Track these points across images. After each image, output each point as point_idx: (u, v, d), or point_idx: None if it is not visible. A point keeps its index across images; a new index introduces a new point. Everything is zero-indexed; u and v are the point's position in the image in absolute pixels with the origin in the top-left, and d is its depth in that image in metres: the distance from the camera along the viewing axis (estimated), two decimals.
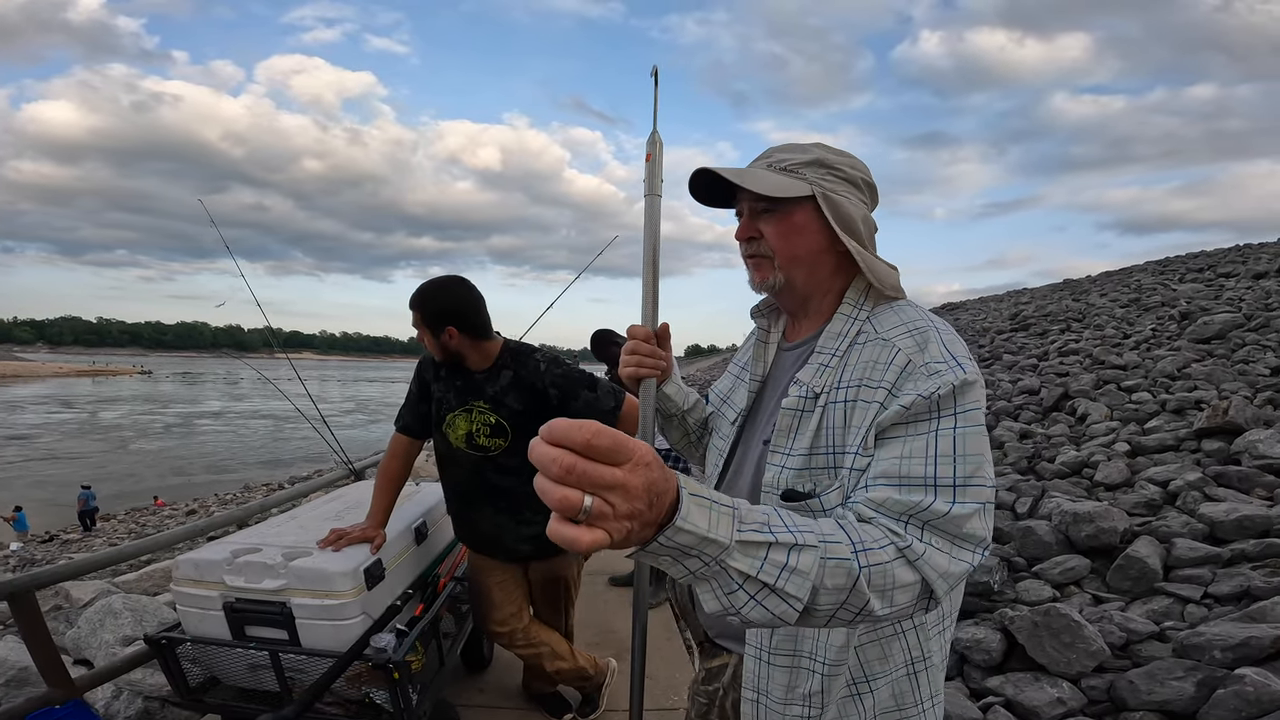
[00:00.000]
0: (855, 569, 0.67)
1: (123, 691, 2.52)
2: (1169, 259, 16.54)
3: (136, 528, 12.44)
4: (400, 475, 2.17)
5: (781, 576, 0.63)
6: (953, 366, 0.83)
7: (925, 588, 0.72)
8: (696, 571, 0.62)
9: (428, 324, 2.00)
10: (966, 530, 0.76)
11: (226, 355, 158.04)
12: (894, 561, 0.71)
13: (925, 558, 0.72)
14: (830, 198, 0.95)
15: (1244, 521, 3.23)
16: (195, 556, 1.86)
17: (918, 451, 0.79)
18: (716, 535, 0.60)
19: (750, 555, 0.62)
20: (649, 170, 1.13)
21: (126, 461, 22.39)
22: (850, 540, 0.69)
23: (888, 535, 0.73)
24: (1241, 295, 9.04)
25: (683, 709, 2.50)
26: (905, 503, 0.76)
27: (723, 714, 1.13)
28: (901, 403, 0.82)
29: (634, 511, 0.55)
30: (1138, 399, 6.04)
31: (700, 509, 0.60)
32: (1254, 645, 2.21)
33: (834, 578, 0.66)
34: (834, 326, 0.97)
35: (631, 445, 0.55)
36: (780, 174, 0.96)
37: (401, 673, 1.75)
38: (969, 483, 0.77)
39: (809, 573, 0.64)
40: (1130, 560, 3.10)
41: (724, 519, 0.61)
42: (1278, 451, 3.94)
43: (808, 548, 0.65)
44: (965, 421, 0.80)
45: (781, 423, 0.95)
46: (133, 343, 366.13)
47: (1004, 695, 2.37)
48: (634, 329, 1.16)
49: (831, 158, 0.97)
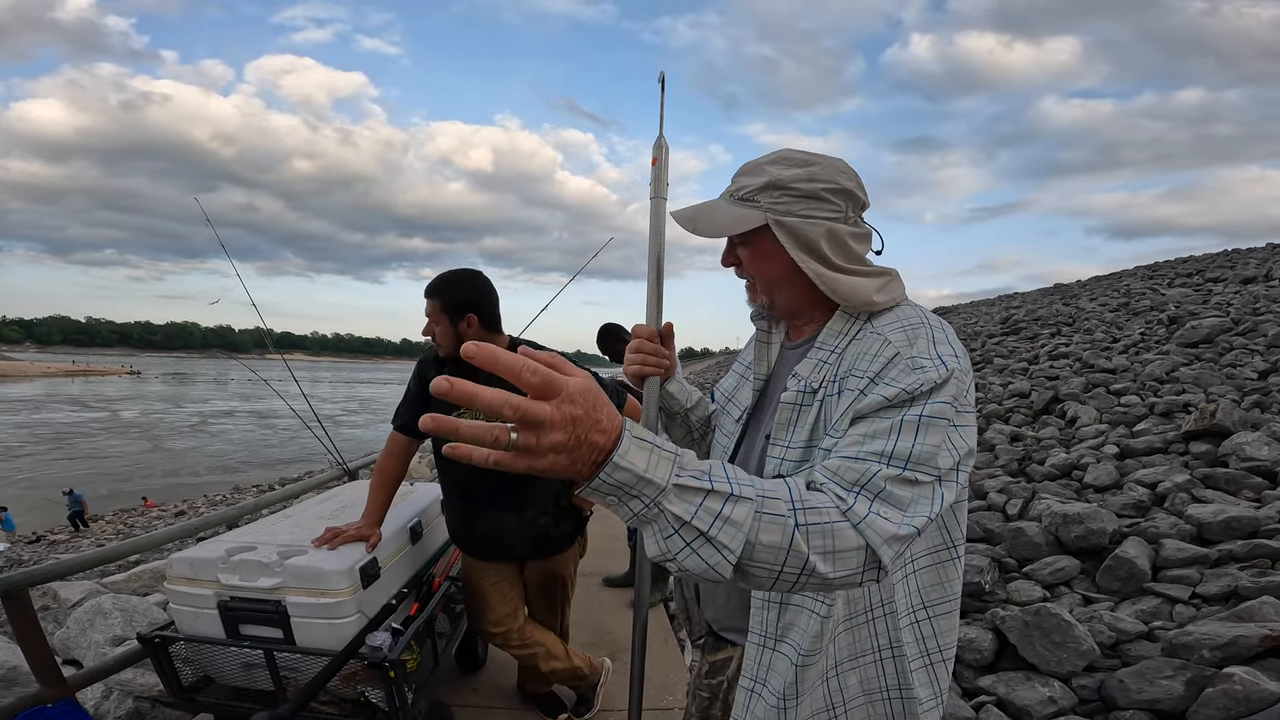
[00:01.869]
0: (790, 525, 0.68)
1: (113, 691, 2.49)
2: (1158, 264, 16.69)
3: (125, 529, 12.33)
4: (397, 475, 2.17)
5: (715, 525, 0.64)
6: (936, 364, 0.84)
7: (870, 553, 0.71)
8: (639, 513, 0.64)
9: (447, 312, 2.00)
10: (912, 498, 0.76)
11: (217, 356, 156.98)
12: (835, 523, 0.70)
13: (867, 521, 0.72)
14: (784, 223, 0.95)
15: (1231, 523, 3.27)
16: (189, 555, 1.85)
17: (880, 432, 0.80)
18: (653, 476, 0.62)
19: (685, 500, 0.64)
20: (655, 174, 1.14)
21: (113, 463, 22.21)
22: (790, 499, 0.70)
23: (832, 498, 0.73)
24: (1229, 300, 9.14)
25: (677, 709, 2.52)
26: (856, 469, 0.77)
27: (726, 707, 1.14)
28: (883, 393, 0.83)
29: (557, 444, 0.58)
30: (1127, 402, 6.09)
31: (640, 450, 0.63)
32: (1242, 644, 2.23)
33: (769, 533, 0.67)
34: (835, 325, 1.00)
35: (559, 382, 0.59)
36: (738, 204, 0.99)
37: (397, 672, 1.75)
38: (922, 463, 0.78)
39: (742, 524, 0.65)
40: (1119, 561, 3.13)
41: (664, 462, 0.64)
42: (1265, 454, 3.99)
43: (743, 500, 0.66)
44: (931, 410, 0.81)
45: (780, 416, 0.98)
46: (122, 342, 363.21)
47: (996, 694, 2.39)
48: (639, 328, 1.18)
49: (786, 175, 0.96)
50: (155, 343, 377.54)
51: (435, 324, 2.02)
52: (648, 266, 1.16)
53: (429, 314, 2.02)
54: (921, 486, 0.77)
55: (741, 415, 1.14)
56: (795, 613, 0.97)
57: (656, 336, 1.18)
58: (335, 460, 3.72)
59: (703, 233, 0.98)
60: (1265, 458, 3.95)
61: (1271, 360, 6.23)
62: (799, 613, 0.96)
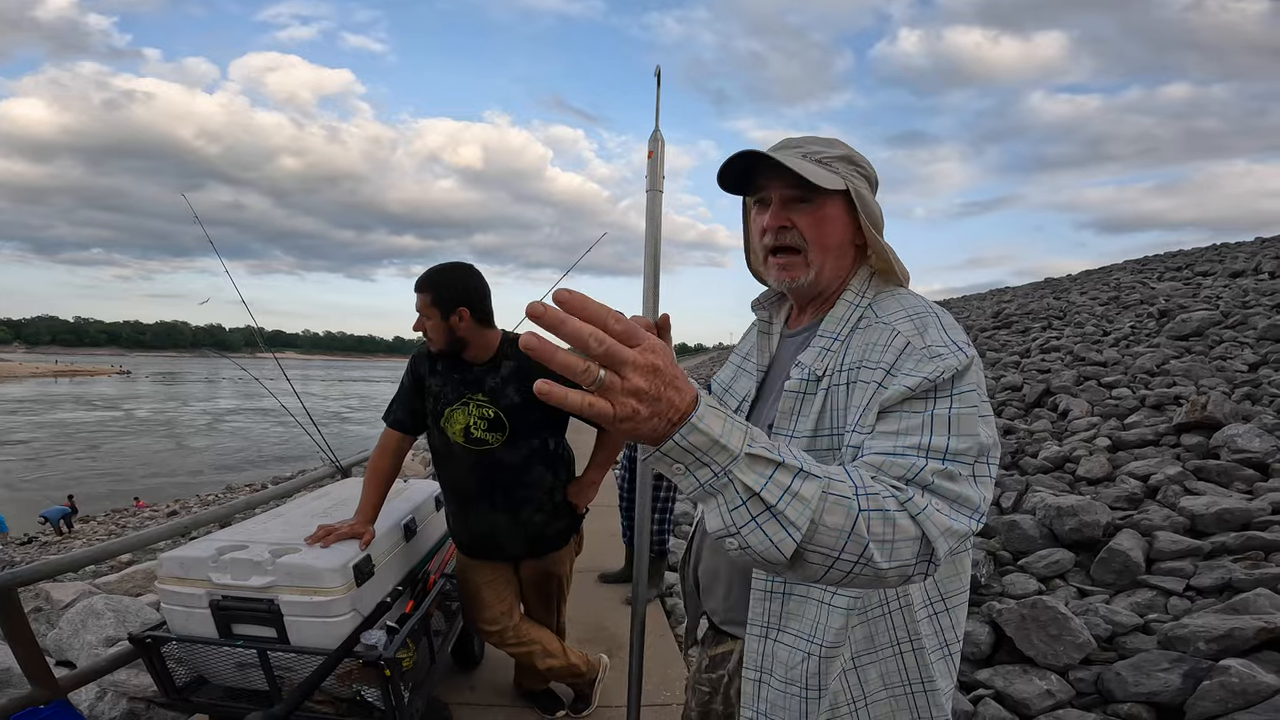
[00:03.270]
0: (855, 509, 0.67)
1: (107, 692, 2.47)
2: (1147, 258, 16.80)
3: (117, 529, 12.25)
4: (390, 471, 2.15)
5: (784, 499, 0.64)
6: (954, 351, 0.85)
7: (926, 545, 0.72)
8: (705, 483, 0.63)
9: (438, 306, 1.97)
10: (960, 493, 0.77)
11: (208, 355, 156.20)
12: (896, 511, 0.70)
13: (926, 513, 0.72)
14: (861, 195, 0.98)
15: (1224, 514, 3.29)
16: (180, 554, 1.83)
17: (913, 428, 0.80)
18: (727, 442, 0.62)
19: (756, 470, 0.63)
20: (650, 167, 1.14)
21: (104, 463, 22.09)
22: (854, 483, 0.69)
23: (889, 489, 0.73)
24: (1219, 293, 9.20)
25: (676, 705, 2.51)
26: (900, 464, 0.77)
27: (727, 701, 1.13)
28: (905, 383, 0.83)
29: (638, 389, 0.58)
30: (1118, 395, 6.13)
31: (716, 416, 0.62)
32: (1237, 636, 2.25)
33: (834, 515, 0.66)
34: (837, 312, 1.00)
35: (643, 333, 0.60)
36: (817, 165, 0.97)
37: (393, 670, 1.73)
38: (960, 457, 0.79)
39: (810, 500, 0.65)
40: (1113, 553, 3.15)
41: (737, 430, 0.63)
42: (1256, 445, 4.02)
43: (813, 477, 0.65)
44: (960, 403, 0.82)
45: (784, 405, 0.97)
46: (111, 342, 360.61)
47: (994, 687, 2.40)
48: (635, 319, 1.15)
49: (856, 155, 1.00)
50: (145, 342, 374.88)
51: (427, 318, 1.99)
52: (644, 258, 1.15)
53: (420, 309, 1.99)
54: (963, 481, 0.78)
55: (740, 405, 1.13)
56: (799, 603, 0.96)
57: (653, 328, 1.15)
58: (328, 458, 3.70)
59: (799, 169, 0.93)
60: (1257, 449, 3.98)
61: (1261, 353, 6.28)
62: (803, 603, 0.96)
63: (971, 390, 0.83)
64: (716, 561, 1.11)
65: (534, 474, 2.10)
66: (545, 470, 2.12)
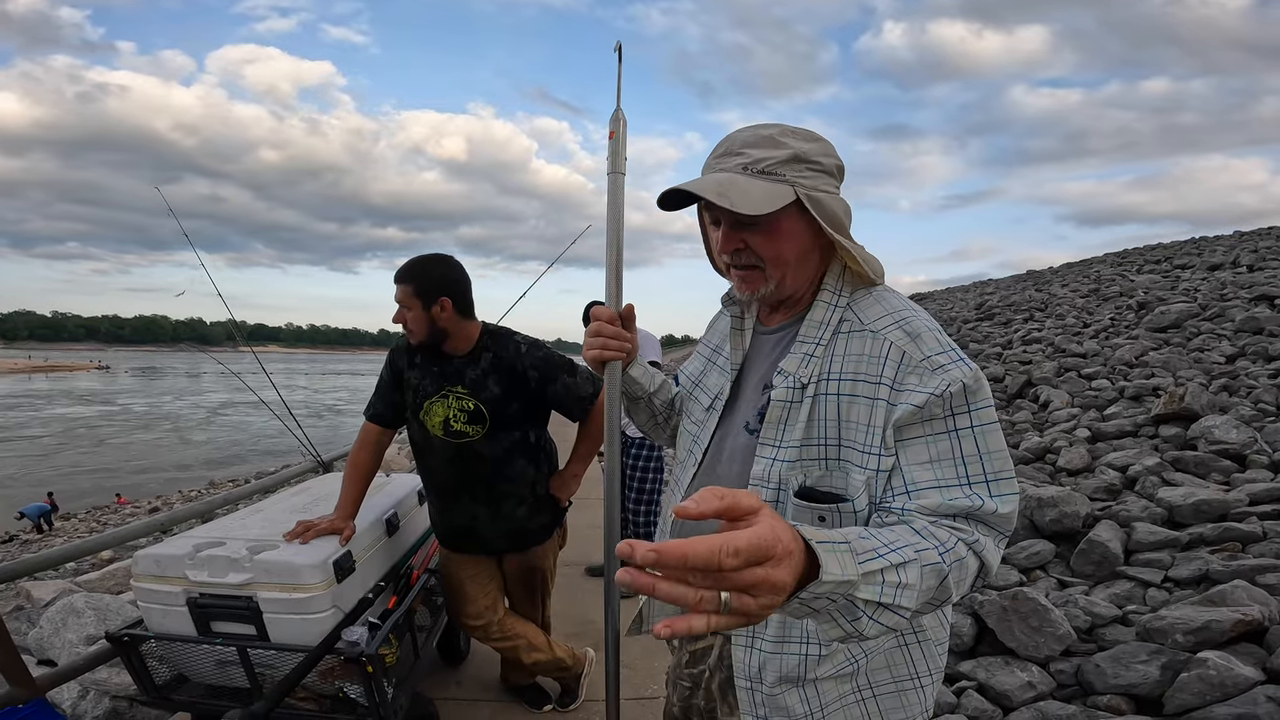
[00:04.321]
0: (944, 569, 0.72)
1: (89, 691, 2.45)
2: (1127, 251, 16.99)
3: (98, 526, 12.09)
4: (370, 465, 2.13)
5: (898, 594, 0.66)
6: (956, 362, 0.84)
7: (984, 570, 0.80)
8: (821, 609, 0.64)
9: (420, 296, 1.95)
10: (1006, 519, 0.82)
11: (189, 349, 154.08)
12: (966, 557, 0.77)
13: (985, 549, 0.79)
14: (814, 197, 0.90)
15: (1201, 506, 3.33)
16: (155, 551, 1.80)
17: (944, 454, 0.83)
18: (847, 576, 0.62)
19: (873, 583, 0.65)
20: (612, 148, 1.10)
21: (83, 460, 21.83)
22: (935, 545, 0.74)
23: (954, 534, 0.78)
24: (1197, 286, 9.32)
25: (660, 698, 2.51)
26: (953, 507, 0.81)
27: (708, 696, 1.12)
28: (912, 401, 0.83)
29: (774, 602, 0.55)
30: (1097, 386, 6.20)
31: (830, 556, 0.61)
32: (1215, 629, 2.27)
33: (928, 580, 0.70)
34: (815, 314, 0.96)
35: (770, 542, 0.53)
36: (758, 178, 0.90)
37: (375, 666, 1.72)
38: (999, 476, 0.83)
39: (916, 586, 0.68)
40: (1092, 544, 3.18)
41: (847, 558, 0.63)
42: (1233, 437, 4.07)
43: (910, 562, 0.69)
44: (980, 419, 0.84)
45: (771, 414, 0.95)
46: (89, 337, 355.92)
47: (976, 679, 2.41)
48: (598, 310, 1.12)
49: (807, 149, 0.91)
50: (124, 336, 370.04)
51: (407, 310, 1.96)
52: (606, 245, 1.10)
53: (400, 300, 1.97)
54: (1010, 509, 0.82)
55: (712, 403, 1.10)
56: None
57: (617, 319, 1.11)
58: (309, 452, 3.66)
59: (737, 207, 0.86)
60: (1234, 441, 4.04)
61: (1239, 345, 6.37)
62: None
63: (987, 406, 0.85)
64: None
65: (515, 467, 2.09)
66: (527, 463, 2.11)
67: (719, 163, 0.94)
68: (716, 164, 0.94)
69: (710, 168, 0.95)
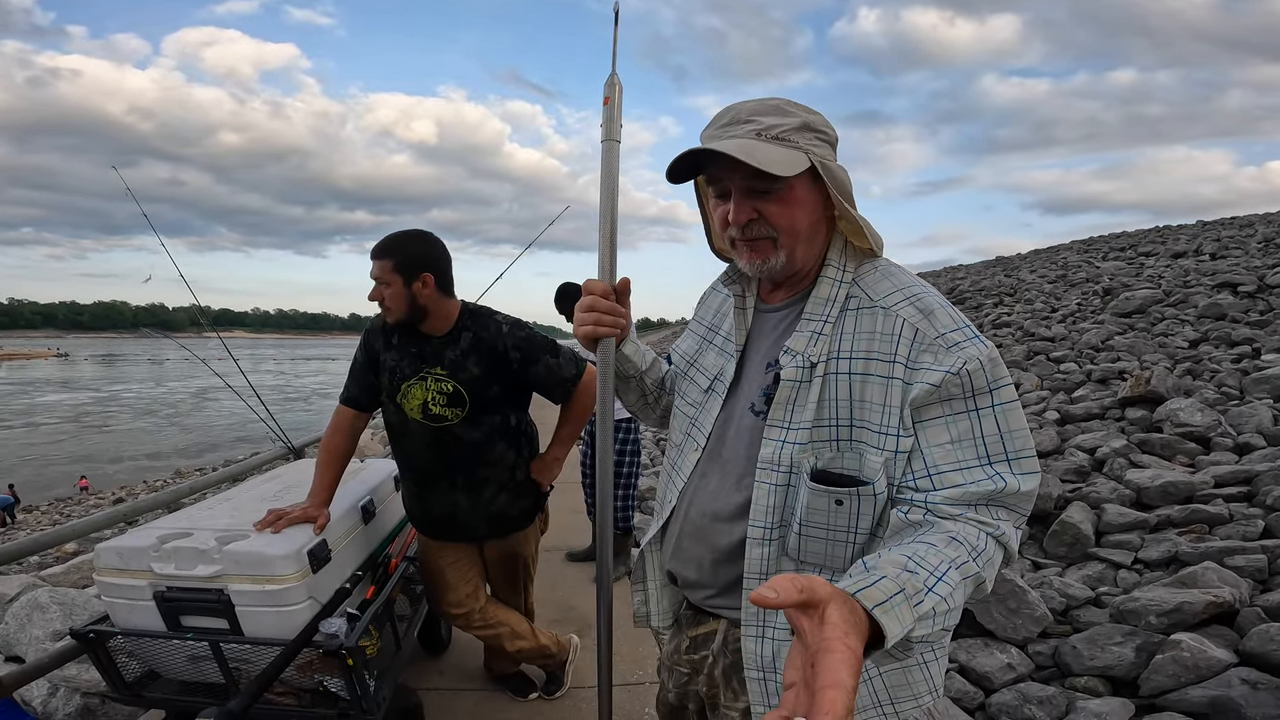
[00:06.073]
0: (981, 575, 0.75)
1: (59, 688, 2.38)
2: (1093, 239, 17.34)
3: (61, 518, 11.77)
4: (344, 451, 2.06)
5: (946, 619, 0.69)
6: (971, 339, 0.83)
7: (1006, 558, 0.82)
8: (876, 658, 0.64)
9: (401, 272, 1.87)
10: (1027, 498, 0.82)
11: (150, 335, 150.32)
12: (995, 551, 0.79)
13: (1008, 538, 0.81)
14: (828, 166, 0.89)
15: (1168, 488, 3.41)
16: (118, 544, 1.72)
17: (964, 434, 0.82)
18: (906, 627, 0.63)
19: (925, 622, 0.66)
20: (606, 115, 1.04)
21: (48, 451, 21.28)
22: (969, 551, 0.75)
23: (980, 529, 0.79)
24: (1161, 273, 9.54)
25: (649, 683, 2.50)
26: (977, 492, 0.80)
27: (710, 682, 1.09)
28: (929, 380, 0.82)
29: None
30: (1065, 369, 6.33)
31: (889, 618, 0.61)
32: (1187, 611, 2.32)
33: (968, 590, 0.74)
34: (820, 291, 0.94)
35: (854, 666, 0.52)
36: (774, 144, 0.88)
37: (355, 659, 1.66)
38: (1020, 454, 0.82)
39: (960, 602, 0.71)
40: (1065, 526, 3.24)
41: (904, 610, 0.63)
42: (1198, 420, 4.17)
43: (956, 587, 0.70)
44: (1001, 397, 0.83)
45: (780, 395, 0.91)
46: (47, 324, 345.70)
47: (957, 661, 2.44)
48: (591, 284, 1.06)
49: (813, 119, 0.91)
50: (83, 323, 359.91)
51: (386, 286, 1.88)
52: (600, 216, 1.05)
53: (378, 276, 1.89)
54: (1032, 487, 0.82)
55: (712, 384, 1.06)
56: None
57: (611, 294, 1.06)
58: (279, 438, 3.57)
59: (766, 166, 0.84)
60: (1198, 423, 4.14)
61: (1202, 330, 6.54)
62: None
63: (1006, 384, 0.83)
64: (700, 551, 1.05)
65: (496, 451, 2.04)
66: (507, 447, 2.06)
67: (726, 131, 0.91)
68: (723, 133, 0.91)
69: (715, 137, 0.92)
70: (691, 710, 1.19)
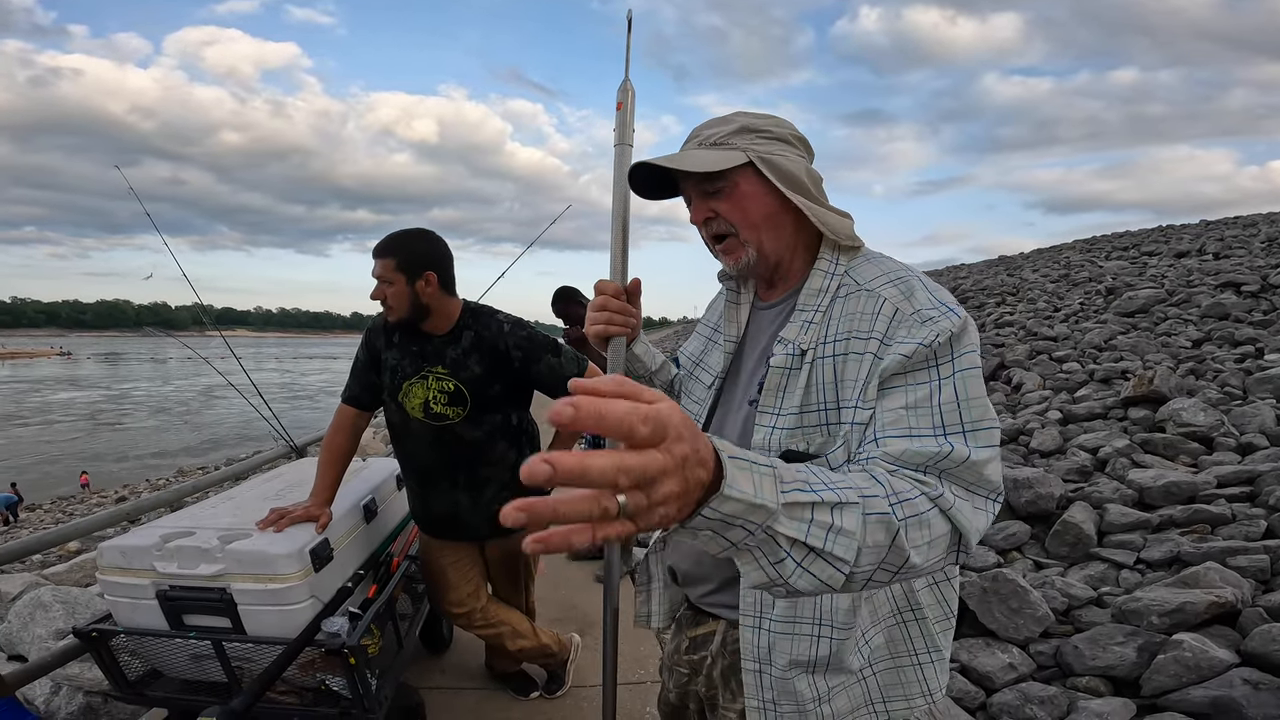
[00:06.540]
0: (894, 522, 0.65)
1: (62, 687, 2.39)
2: (1096, 238, 17.30)
3: (64, 516, 11.80)
4: (346, 450, 2.07)
5: (829, 539, 0.60)
6: (945, 313, 0.83)
7: (957, 537, 0.72)
8: (739, 542, 0.57)
9: (403, 270, 1.87)
10: (985, 475, 0.76)
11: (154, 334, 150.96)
12: (929, 512, 0.69)
13: (957, 509, 0.72)
14: (767, 159, 0.94)
15: (1171, 488, 3.40)
16: (121, 543, 1.73)
17: (921, 401, 0.79)
18: (763, 500, 0.55)
19: (796, 518, 0.58)
20: (619, 119, 1.09)
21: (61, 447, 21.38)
22: (886, 492, 0.67)
23: (916, 486, 0.71)
24: (1164, 273, 9.52)
25: (650, 682, 2.50)
26: (922, 453, 0.75)
27: (709, 683, 1.11)
28: (900, 351, 0.81)
29: (669, 495, 0.48)
30: (1068, 369, 6.31)
31: (743, 473, 0.54)
32: (1189, 611, 2.32)
33: (874, 534, 0.64)
34: (813, 283, 0.96)
35: (664, 419, 0.47)
36: (711, 149, 0.95)
37: (357, 658, 1.67)
38: (978, 426, 0.78)
39: (855, 532, 0.62)
40: (1067, 526, 3.23)
41: (767, 481, 0.56)
42: (1201, 419, 4.16)
43: (850, 505, 0.62)
44: (962, 365, 0.81)
45: (770, 381, 0.94)
46: (50, 322, 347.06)
47: (959, 661, 2.44)
48: (603, 284, 1.09)
49: (756, 121, 0.97)
50: (86, 322, 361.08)
51: (388, 285, 1.89)
52: (612, 218, 1.09)
53: (381, 275, 1.89)
54: (987, 458, 0.76)
55: (714, 381, 1.10)
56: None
57: (622, 293, 1.09)
58: (281, 437, 3.58)
59: (684, 165, 0.92)
60: (1201, 423, 4.12)
61: (1205, 329, 6.52)
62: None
63: (970, 351, 0.82)
64: (702, 552, 1.07)
65: (497, 450, 2.04)
66: (509, 446, 2.07)
67: (683, 149, 1.00)
68: (664, 157, 0.98)
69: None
70: (692, 710, 1.20)
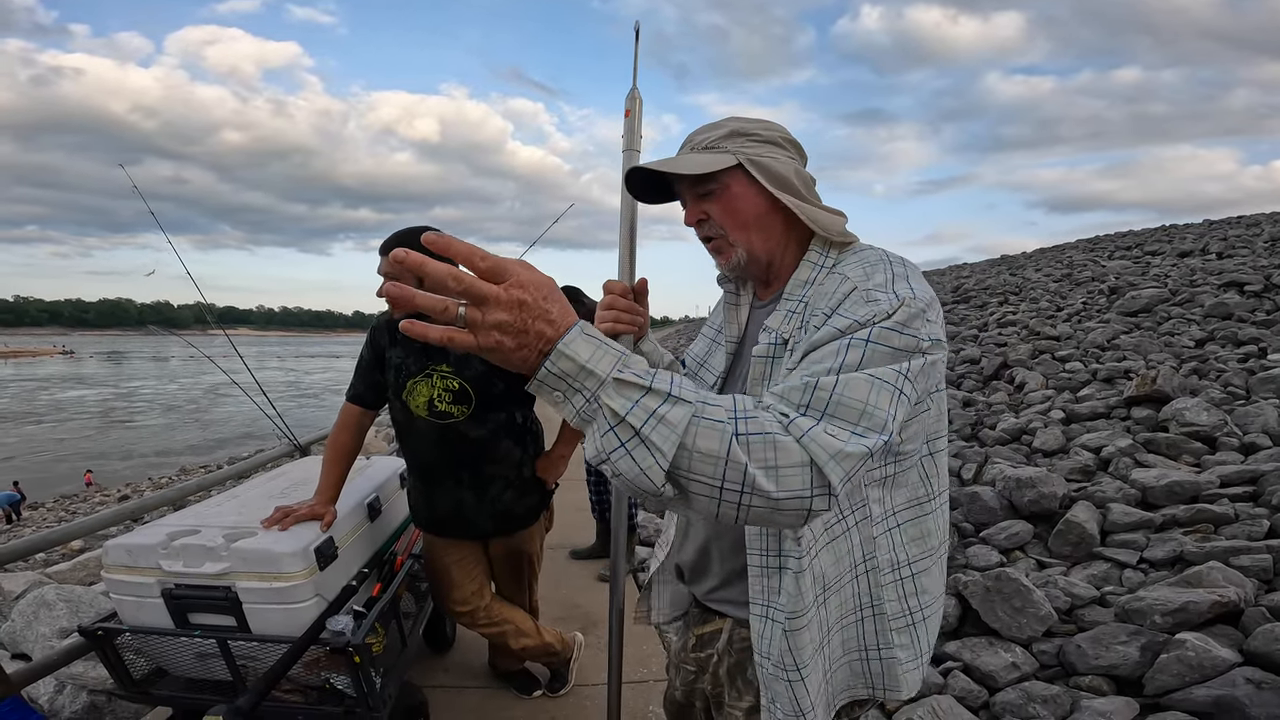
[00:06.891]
0: (728, 433, 0.66)
1: (66, 685, 2.40)
2: (1098, 237, 17.27)
3: (66, 515, 11.83)
4: (351, 448, 2.07)
5: (649, 424, 0.63)
6: (890, 297, 0.82)
7: (817, 471, 0.68)
8: (581, 410, 0.65)
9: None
10: (857, 407, 0.73)
11: (157, 333, 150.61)
12: (778, 435, 0.68)
13: (811, 435, 0.69)
14: (756, 161, 0.97)
15: (1174, 487, 3.40)
16: (126, 541, 1.74)
17: (826, 355, 0.80)
18: (595, 367, 0.63)
19: (623, 395, 0.64)
20: (627, 126, 1.13)
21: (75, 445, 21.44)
22: (731, 408, 0.68)
23: (775, 415, 0.71)
24: (1167, 272, 9.49)
25: (653, 681, 2.51)
26: (796, 390, 0.75)
27: (715, 680, 1.11)
28: (836, 324, 0.82)
29: (500, 323, 0.61)
30: (1071, 368, 6.30)
31: (587, 342, 0.64)
32: (1192, 610, 2.32)
33: (706, 439, 0.65)
34: (800, 274, 0.98)
35: (512, 268, 0.63)
36: (703, 153, 0.99)
37: (362, 656, 1.68)
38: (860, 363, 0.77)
39: (677, 425, 0.64)
40: (1070, 525, 3.23)
41: (608, 357, 0.64)
42: (1204, 419, 4.15)
43: (682, 402, 0.65)
44: (878, 336, 0.79)
45: (754, 371, 0.96)
46: (53, 321, 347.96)
47: (961, 660, 2.44)
48: (611, 284, 1.13)
49: (746, 125, 1.00)
50: (89, 321, 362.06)
51: (391, 284, 1.89)
52: (619, 220, 1.14)
53: (385, 272, 1.91)
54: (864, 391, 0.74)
55: (715, 381, 1.12)
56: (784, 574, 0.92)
57: (630, 293, 1.13)
58: (285, 436, 3.58)
59: (673, 168, 0.96)
60: (1204, 423, 4.12)
61: (1208, 329, 6.50)
62: (785, 573, 0.92)
63: (890, 327, 0.80)
64: (709, 544, 1.09)
65: (502, 448, 2.05)
66: (513, 444, 2.07)
67: (677, 153, 1.03)
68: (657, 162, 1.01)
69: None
70: (698, 708, 1.21)
